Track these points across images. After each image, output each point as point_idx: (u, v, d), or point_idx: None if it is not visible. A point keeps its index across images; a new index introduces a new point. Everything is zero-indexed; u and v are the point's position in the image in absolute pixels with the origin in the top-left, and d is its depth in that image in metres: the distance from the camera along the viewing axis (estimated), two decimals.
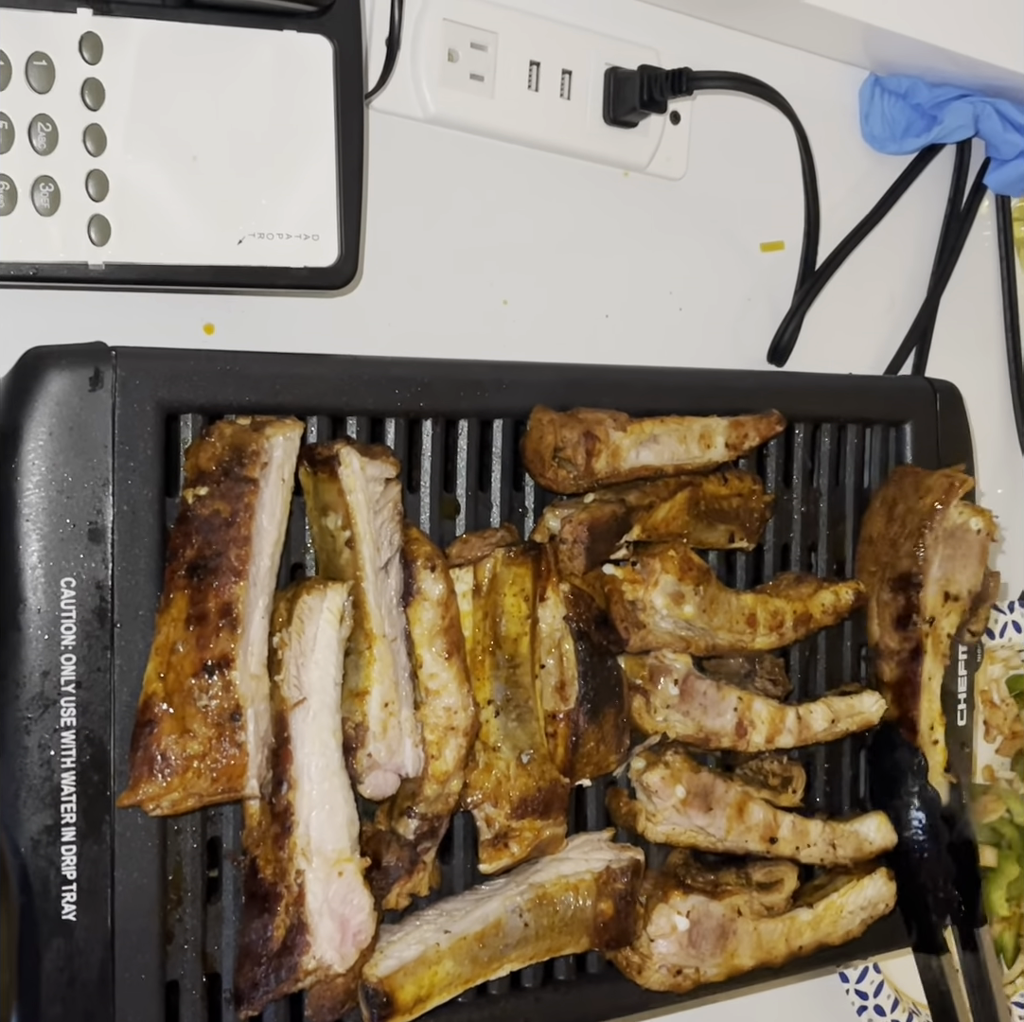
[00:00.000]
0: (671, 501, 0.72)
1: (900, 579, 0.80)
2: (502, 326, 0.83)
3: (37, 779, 0.57)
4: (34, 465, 0.57)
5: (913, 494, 0.80)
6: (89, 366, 0.58)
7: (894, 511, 0.81)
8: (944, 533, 0.79)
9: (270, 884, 0.61)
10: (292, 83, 0.66)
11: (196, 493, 0.60)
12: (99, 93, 0.62)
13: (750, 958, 0.75)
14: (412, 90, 0.78)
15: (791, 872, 0.78)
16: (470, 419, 0.69)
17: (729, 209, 0.93)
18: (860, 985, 0.97)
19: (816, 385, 0.83)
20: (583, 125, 0.84)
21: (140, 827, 0.59)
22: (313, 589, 0.61)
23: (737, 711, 0.75)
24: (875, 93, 0.99)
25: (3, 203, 0.60)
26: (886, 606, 0.80)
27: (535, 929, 0.68)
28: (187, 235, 0.64)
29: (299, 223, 0.67)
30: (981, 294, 1.07)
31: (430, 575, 0.65)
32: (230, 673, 0.58)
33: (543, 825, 0.69)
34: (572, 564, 0.69)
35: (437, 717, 0.65)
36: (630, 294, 0.88)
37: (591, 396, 0.72)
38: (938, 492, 0.79)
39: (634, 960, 0.72)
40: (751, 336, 0.94)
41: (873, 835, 0.80)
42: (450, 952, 0.65)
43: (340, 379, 0.65)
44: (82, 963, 0.58)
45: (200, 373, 0.61)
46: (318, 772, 0.61)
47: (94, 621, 0.58)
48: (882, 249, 1.00)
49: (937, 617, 0.80)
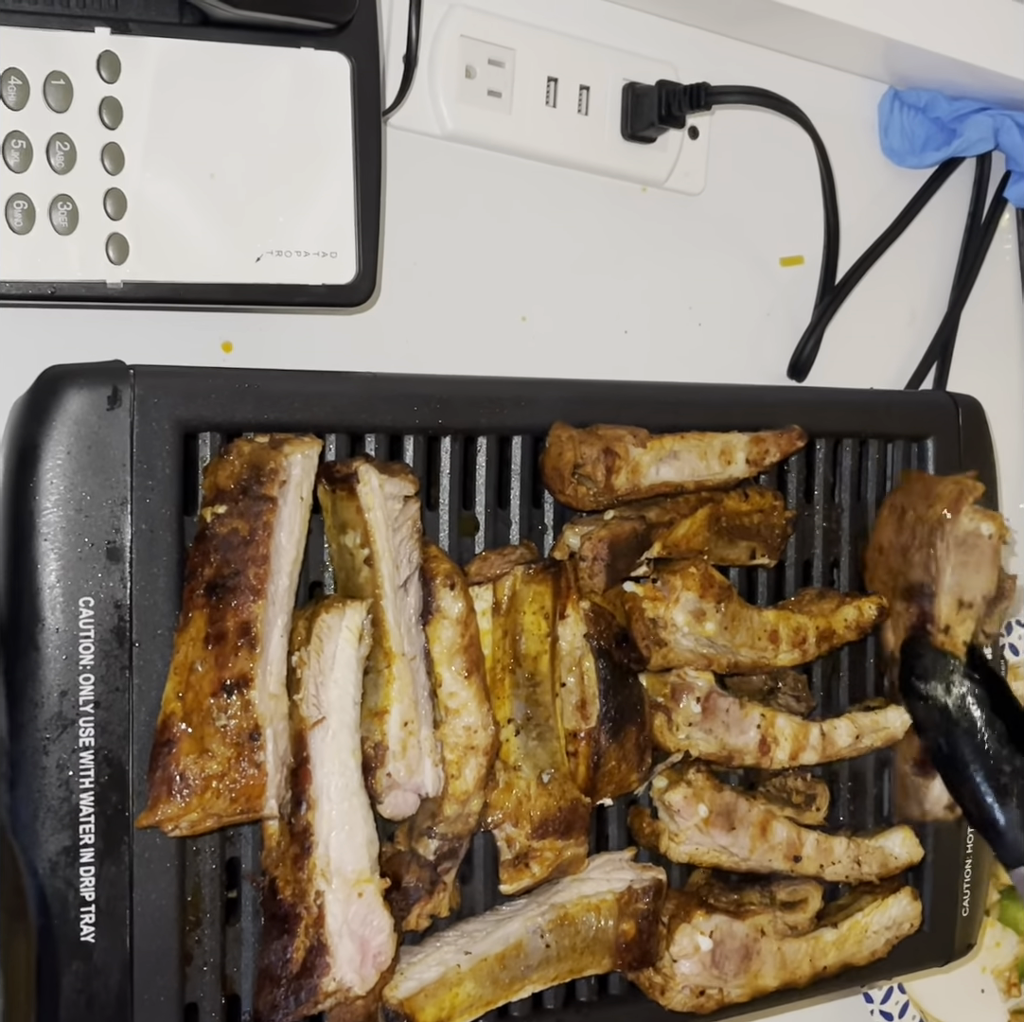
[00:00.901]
0: (692, 518, 0.72)
1: (912, 589, 0.79)
2: (521, 342, 0.83)
3: (55, 800, 0.57)
4: (52, 484, 0.57)
5: (922, 502, 0.80)
6: (107, 385, 0.58)
7: (904, 519, 0.81)
8: (955, 541, 0.78)
9: (289, 905, 0.60)
10: (309, 100, 0.66)
11: (214, 511, 0.59)
12: (117, 112, 0.62)
13: (774, 978, 0.74)
14: (430, 107, 0.78)
15: (815, 891, 0.77)
16: (489, 436, 0.69)
17: (748, 224, 0.92)
18: (885, 1006, 0.96)
19: (837, 400, 0.83)
20: (601, 141, 0.84)
21: (159, 848, 0.59)
22: (332, 607, 0.61)
23: (760, 728, 0.74)
24: (894, 107, 0.99)
25: (22, 222, 0.60)
26: (899, 616, 0.80)
27: (557, 950, 0.68)
28: (205, 253, 0.64)
29: (317, 240, 0.67)
30: (1002, 307, 1.07)
31: (449, 593, 0.65)
32: (249, 692, 0.58)
33: (564, 845, 0.68)
34: (592, 582, 0.69)
35: (457, 736, 0.64)
36: (649, 310, 0.88)
37: (611, 412, 0.72)
38: (947, 500, 0.79)
39: (657, 981, 0.71)
40: (771, 351, 0.93)
41: (899, 850, 0.79)
42: (471, 974, 0.65)
43: (358, 396, 0.65)
44: (100, 985, 0.58)
45: (218, 391, 0.61)
46: (337, 792, 0.60)
47: (112, 641, 0.58)
48: (902, 263, 0.99)
49: (952, 625, 0.79)
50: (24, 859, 0.54)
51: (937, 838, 0.83)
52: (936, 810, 0.80)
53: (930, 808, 0.80)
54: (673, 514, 0.71)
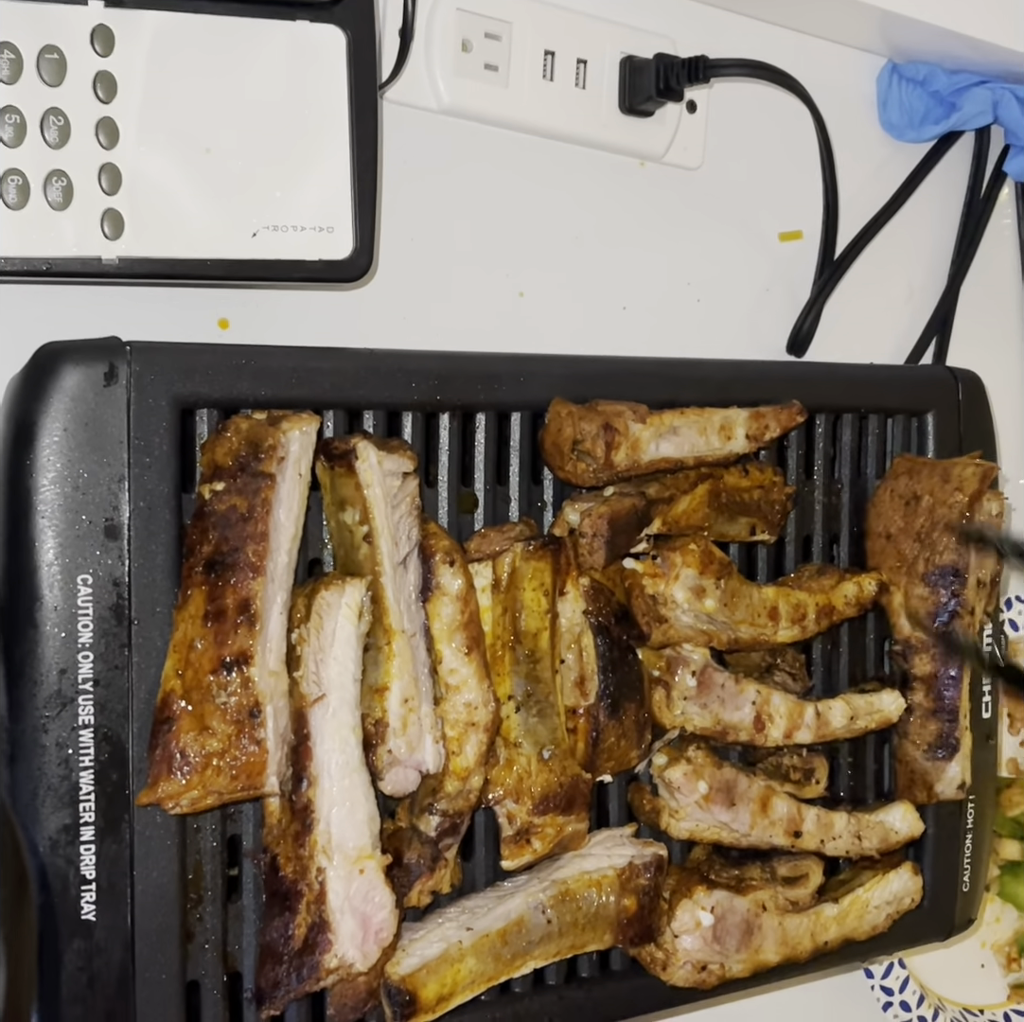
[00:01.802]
0: (691, 494, 0.72)
1: (941, 573, 0.79)
2: (518, 319, 0.82)
3: (55, 778, 0.57)
4: (49, 461, 0.57)
5: (941, 487, 0.79)
6: (104, 361, 0.58)
7: (917, 505, 0.80)
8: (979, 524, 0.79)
9: (291, 882, 0.60)
10: (305, 74, 0.65)
11: (213, 488, 0.59)
12: (111, 86, 0.61)
13: (775, 953, 0.74)
14: (426, 80, 0.77)
15: (816, 866, 0.77)
16: (487, 412, 0.69)
17: (747, 199, 0.92)
18: (885, 981, 0.96)
19: (837, 375, 0.82)
20: (599, 115, 0.83)
21: (159, 826, 0.59)
22: (331, 584, 0.61)
23: (755, 705, 0.74)
24: (893, 80, 0.98)
25: (16, 198, 0.60)
26: (922, 600, 0.79)
27: (558, 926, 0.67)
28: (201, 229, 0.64)
29: (313, 215, 0.66)
30: (1001, 282, 1.06)
31: (449, 570, 0.64)
32: (249, 670, 0.58)
33: (565, 821, 0.68)
34: (592, 558, 0.69)
35: (457, 713, 0.64)
36: (648, 286, 0.88)
37: (609, 388, 0.71)
38: (974, 483, 0.79)
39: (658, 956, 0.71)
40: (770, 327, 0.93)
41: (899, 825, 0.79)
42: (473, 950, 0.65)
43: (356, 372, 0.64)
44: (102, 963, 0.58)
45: (215, 367, 0.60)
46: (338, 769, 0.60)
47: (111, 618, 0.58)
48: (901, 238, 0.99)
49: (975, 606, 0.79)
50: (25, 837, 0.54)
51: (938, 813, 0.83)
52: (949, 791, 0.80)
53: (942, 789, 0.80)
54: (673, 490, 0.71)
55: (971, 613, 0.79)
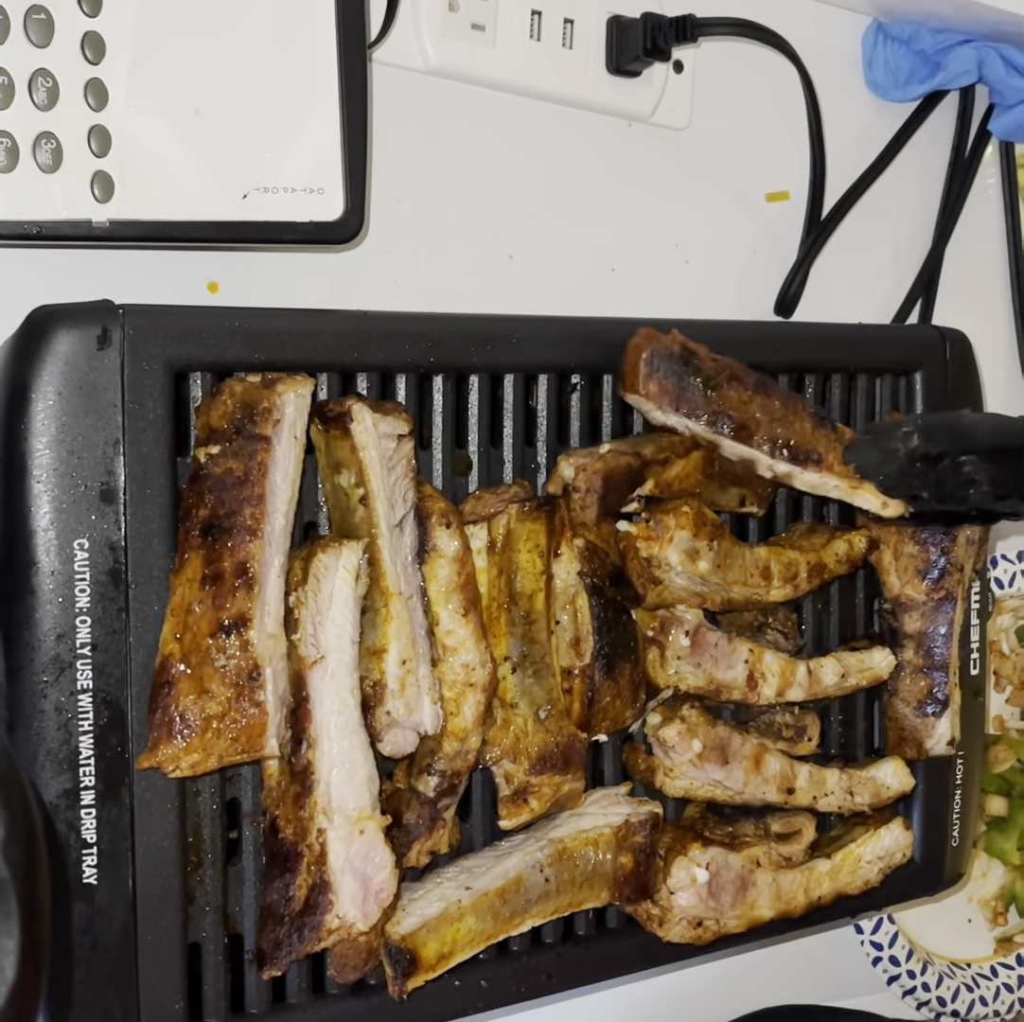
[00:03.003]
0: (686, 459, 0.72)
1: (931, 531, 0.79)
2: (508, 281, 0.82)
3: (55, 743, 0.57)
4: (44, 426, 0.56)
5: None
6: (97, 324, 0.57)
7: None
8: None
9: (291, 844, 0.61)
10: (294, 34, 0.65)
11: (208, 452, 0.59)
12: (99, 46, 0.61)
13: (769, 909, 0.75)
14: (413, 41, 0.77)
15: (809, 823, 0.77)
16: (480, 374, 0.68)
17: (734, 159, 0.92)
18: (875, 936, 0.97)
19: (826, 335, 0.82)
20: (586, 75, 0.83)
21: (159, 789, 0.59)
22: (328, 547, 0.61)
23: (748, 663, 0.75)
24: (878, 40, 0.98)
25: (5, 160, 0.59)
26: (912, 558, 0.80)
27: (556, 884, 0.68)
28: (191, 190, 0.63)
29: (304, 177, 0.66)
30: (985, 242, 1.06)
31: (445, 531, 0.65)
32: (247, 632, 0.58)
33: (562, 780, 0.68)
34: (583, 513, 0.69)
35: (455, 674, 0.64)
36: (636, 247, 0.88)
37: (602, 350, 0.71)
38: None
39: (654, 913, 0.72)
40: (757, 288, 0.93)
41: (890, 780, 0.80)
42: (472, 908, 0.65)
43: (350, 334, 0.64)
44: (104, 926, 0.58)
45: (209, 330, 0.60)
46: (337, 730, 0.60)
47: (108, 583, 0.58)
48: (886, 198, 0.99)
49: (965, 564, 0.80)
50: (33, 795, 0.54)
51: (927, 769, 0.83)
52: (939, 747, 0.81)
53: (932, 746, 0.81)
54: (668, 453, 0.71)
55: (960, 570, 0.80)
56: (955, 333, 0.86)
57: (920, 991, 0.98)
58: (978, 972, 1.03)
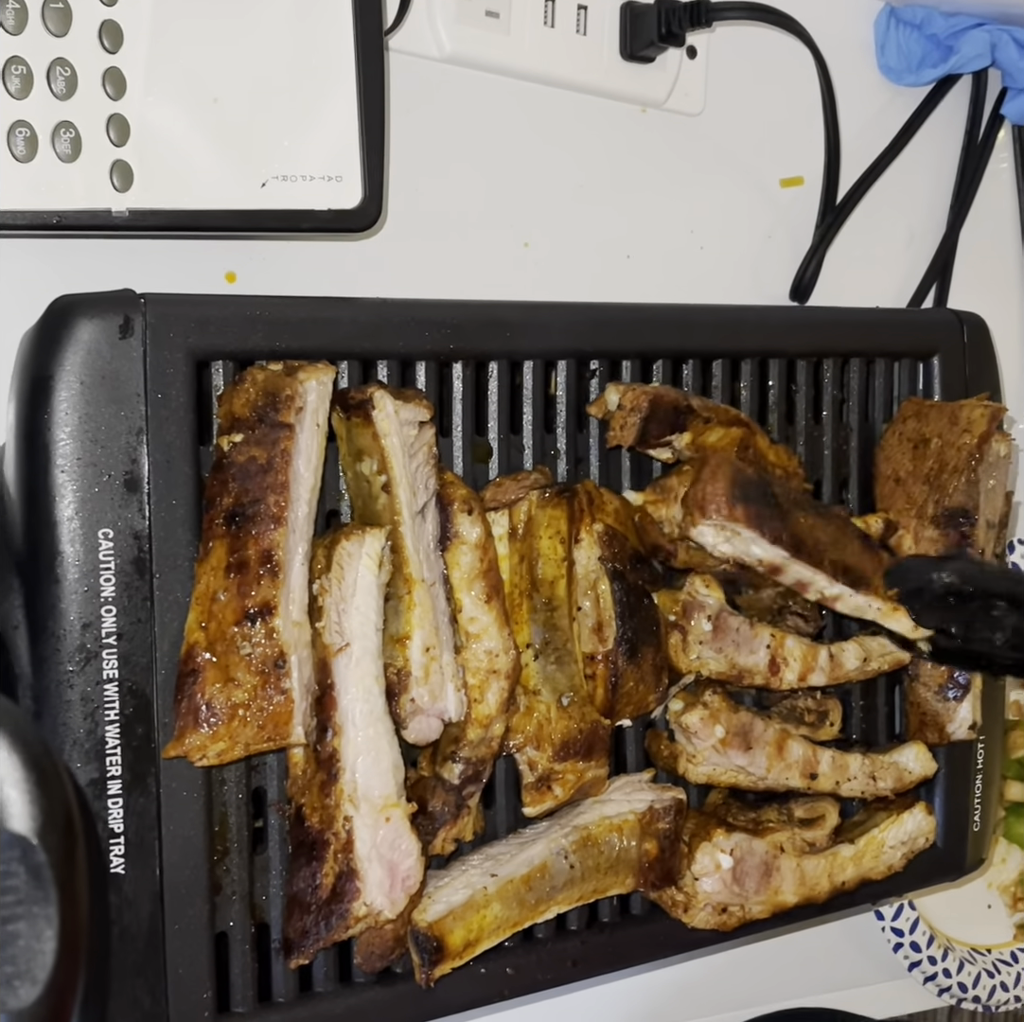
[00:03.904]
0: (726, 430, 0.72)
1: (951, 515, 0.79)
2: (523, 268, 0.82)
3: (81, 733, 0.57)
4: (67, 415, 0.56)
5: (950, 429, 0.79)
6: (119, 313, 0.57)
7: (926, 448, 0.80)
8: (987, 464, 0.79)
9: (317, 832, 0.61)
10: (311, 21, 0.65)
11: (231, 440, 0.59)
12: (117, 35, 0.61)
13: (794, 894, 0.75)
14: (428, 28, 0.77)
15: (832, 808, 0.77)
16: (500, 361, 0.68)
17: (748, 144, 0.92)
18: (896, 922, 0.97)
19: (844, 320, 0.82)
20: (600, 61, 0.82)
21: (185, 778, 0.59)
22: (351, 535, 0.61)
23: (770, 649, 0.74)
24: (890, 24, 0.98)
25: (25, 150, 0.59)
26: (932, 542, 0.80)
27: (581, 870, 0.68)
28: (210, 179, 0.63)
29: (322, 165, 0.66)
30: (1000, 225, 1.06)
31: (467, 518, 0.64)
32: (273, 620, 0.58)
33: (585, 767, 0.68)
34: (622, 433, 0.69)
35: (478, 661, 0.64)
36: (651, 234, 0.87)
37: (620, 335, 0.71)
38: (982, 424, 0.79)
39: (679, 899, 0.72)
40: (773, 274, 0.93)
41: (912, 765, 0.79)
42: (498, 895, 0.65)
43: (370, 322, 0.64)
44: (132, 916, 0.58)
45: (230, 319, 0.60)
46: (362, 718, 0.60)
47: (133, 572, 0.58)
48: (901, 182, 0.98)
49: (985, 548, 0.80)
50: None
51: (948, 754, 0.83)
52: (960, 732, 0.81)
53: (954, 730, 0.81)
54: (712, 415, 0.71)
55: (981, 554, 0.80)
56: (972, 317, 0.86)
57: (941, 977, 0.98)
58: (999, 958, 1.03)
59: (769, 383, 0.78)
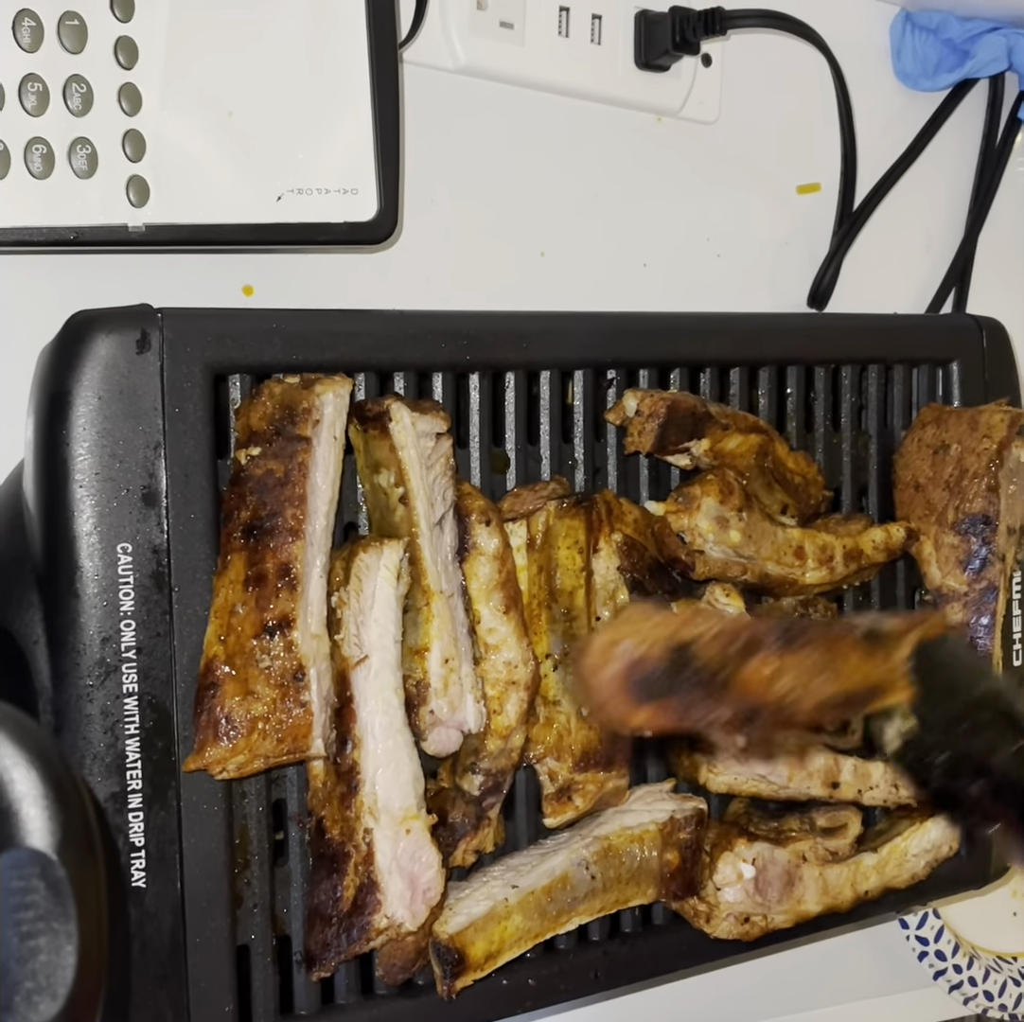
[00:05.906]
0: (745, 437, 0.71)
1: (972, 521, 0.79)
2: (540, 278, 0.82)
3: (101, 747, 0.57)
4: (85, 430, 0.56)
5: (969, 435, 0.79)
6: (136, 328, 0.57)
7: (946, 454, 0.80)
8: (1008, 470, 0.79)
9: (338, 844, 0.61)
10: (325, 34, 0.65)
11: (249, 453, 0.59)
12: (132, 51, 0.61)
13: (817, 904, 0.74)
14: (442, 40, 0.77)
15: (855, 816, 0.77)
16: (517, 371, 0.68)
17: (764, 152, 0.91)
18: (920, 931, 0.96)
19: (862, 326, 0.82)
20: (615, 70, 0.82)
21: (206, 792, 0.59)
22: (369, 547, 0.61)
23: None
24: (906, 29, 0.97)
25: (41, 166, 0.59)
26: (953, 549, 0.79)
27: (602, 881, 0.68)
28: (226, 193, 0.63)
29: (337, 177, 0.66)
30: (1018, 229, 1.06)
31: (485, 529, 0.64)
32: (291, 633, 0.58)
33: (606, 777, 0.68)
34: (640, 439, 0.69)
35: (497, 672, 0.64)
36: (667, 242, 0.87)
37: (637, 344, 0.71)
38: (1002, 430, 0.78)
39: (701, 909, 0.72)
40: (790, 281, 0.92)
41: None
42: (519, 907, 0.65)
43: (386, 334, 0.64)
44: (153, 930, 0.58)
45: (247, 332, 0.60)
46: (382, 730, 0.60)
47: (152, 586, 0.58)
48: (918, 188, 0.98)
49: (1007, 554, 0.79)
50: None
51: None
52: None
53: None
54: (731, 422, 0.71)
55: (1002, 560, 0.79)
56: (991, 322, 0.85)
57: (967, 986, 0.98)
58: None
59: (787, 391, 0.77)
